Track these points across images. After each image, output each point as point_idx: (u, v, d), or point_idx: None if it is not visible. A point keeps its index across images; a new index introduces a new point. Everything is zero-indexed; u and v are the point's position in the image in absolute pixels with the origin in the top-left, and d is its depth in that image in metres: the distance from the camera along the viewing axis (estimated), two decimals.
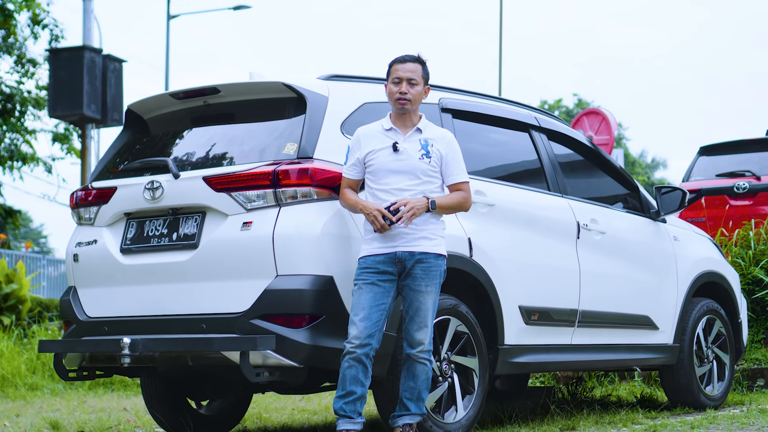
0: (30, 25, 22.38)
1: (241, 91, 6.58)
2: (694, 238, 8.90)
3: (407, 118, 6.07)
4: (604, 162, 8.37)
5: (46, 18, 22.41)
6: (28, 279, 16.31)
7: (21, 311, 15.67)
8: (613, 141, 19.06)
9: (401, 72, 6.03)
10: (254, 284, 5.96)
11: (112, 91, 17.35)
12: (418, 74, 6.06)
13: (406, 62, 6.07)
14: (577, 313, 7.42)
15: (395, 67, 6.08)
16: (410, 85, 6.02)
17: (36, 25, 22.37)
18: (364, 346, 5.75)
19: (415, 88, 6.03)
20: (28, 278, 16.46)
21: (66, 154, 23.59)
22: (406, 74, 6.03)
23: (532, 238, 7.17)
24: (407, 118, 6.07)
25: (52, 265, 30.48)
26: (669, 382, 8.47)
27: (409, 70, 6.04)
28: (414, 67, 6.06)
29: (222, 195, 6.15)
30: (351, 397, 5.77)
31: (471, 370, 6.55)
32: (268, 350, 5.81)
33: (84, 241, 6.76)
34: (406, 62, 6.07)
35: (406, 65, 6.05)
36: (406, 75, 6.03)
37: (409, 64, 6.06)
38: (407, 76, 6.02)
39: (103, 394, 11.72)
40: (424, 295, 5.90)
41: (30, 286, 16.96)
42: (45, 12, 22.44)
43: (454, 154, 6.07)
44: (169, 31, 31.66)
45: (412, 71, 6.04)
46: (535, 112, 7.93)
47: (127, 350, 6.11)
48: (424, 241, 5.93)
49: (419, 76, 6.06)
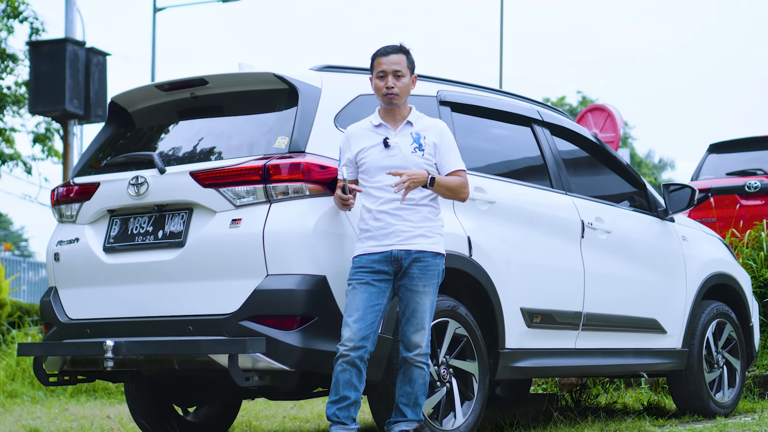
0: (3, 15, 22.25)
1: (229, 83, 6.56)
2: (704, 239, 8.89)
3: (396, 112, 6.06)
4: (610, 158, 8.36)
5: (26, 10, 22.33)
6: (7, 282, 16.26)
7: (0, 316, 15.62)
8: (619, 139, 19.03)
9: (385, 65, 6.01)
10: (243, 284, 5.94)
11: (96, 86, 17.31)
12: (404, 65, 6.02)
13: (389, 54, 6.03)
14: (581, 315, 7.41)
15: (378, 60, 6.05)
16: (396, 78, 5.99)
17: (14, 18, 22.28)
18: (358, 348, 5.73)
19: (401, 80, 6.01)
20: (8, 281, 16.42)
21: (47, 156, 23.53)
22: (390, 67, 6.00)
23: (534, 237, 7.16)
24: (396, 112, 6.06)
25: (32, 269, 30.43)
26: (677, 389, 8.46)
27: (394, 62, 6.01)
28: (398, 58, 6.03)
29: (210, 191, 6.13)
30: (344, 403, 5.75)
31: (470, 375, 6.53)
32: (258, 353, 5.79)
33: (65, 239, 6.74)
34: (389, 54, 6.03)
35: (389, 57, 6.02)
36: (391, 68, 6.00)
37: (392, 56, 6.03)
38: (392, 68, 6.00)
39: (86, 401, 11.69)
40: (422, 296, 5.89)
41: (9, 289, 16.91)
42: (24, 4, 22.35)
43: (447, 143, 6.05)
44: (155, 23, 31.63)
45: (396, 63, 6.01)
46: (538, 105, 7.92)
47: (110, 353, 6.08)
48: (421, 239, 5.92)
49: (404, 67, 6.03)
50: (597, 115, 19.44)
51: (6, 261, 27.76)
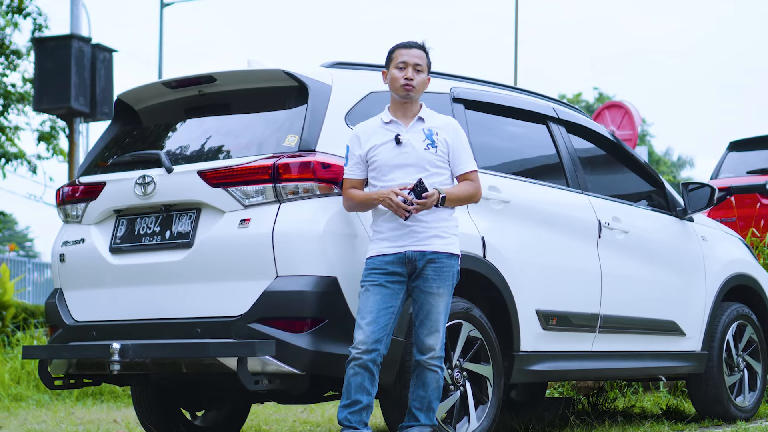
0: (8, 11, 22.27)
1: (238, 80, 6.56)
2: (724, 239, 8.87)
3: (408, 108, 6.06)
4: (628, 157, 8.35)
5: (30, 5, 22.36)
6: (12, 283, 16.31)
7: (5, 318, 15.67)
8: (637, 136, 19.03)
9: (407, 57, 6.02)
10: (252, 285, 5.94)
11: (102, 83, 17.32)
12: (424, 61, 6.06)
13: (412, 48, 6.07)
14: (598, 317, 7.40)
15: (399, 51, 6.06)
16: (416, 72, 6.01)
17: (17, 14, 22.31)
18: (371, 351, 5.73)
19: (420, 75, 6.03)
20: (12, 282, 16.47)
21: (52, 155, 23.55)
22: (412, 59, 6.02)
23: (550, 237, 7.15)
24: (408, 108, 6.06)
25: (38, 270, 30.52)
26: (697, 392, 8.44)
27: (416, 56, 6.04)
28: (419, 53, 6.06)
29: (218, 190, 6.13)
30: (356, 407, 5.75)
31: (485, 379, 6.53)
32: (267, 356, 5.79)
33: (71, 240, 6.75)
34: (411, 48, 6.07)
35: (411, 51, 6.05)
36: (413, 60, 6.01)
37: (414, 50, 6.06)
38: (413, 61, 6.01)
39: (92, 405, 11.71)
40: (436, 298, 5.88)
41: (14, 291, 16.96)
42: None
43: (461, 142, 6.05)
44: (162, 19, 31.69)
45: (418, 57, 6.04)
46: (554, 102, 7.91)
47: (116, 356, 6.09)
48: (436, 239, 5.90)
49: (424, 63, 6.07)
50: (614, 112, 19.43)
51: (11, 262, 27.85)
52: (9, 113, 23.32)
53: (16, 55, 23.16)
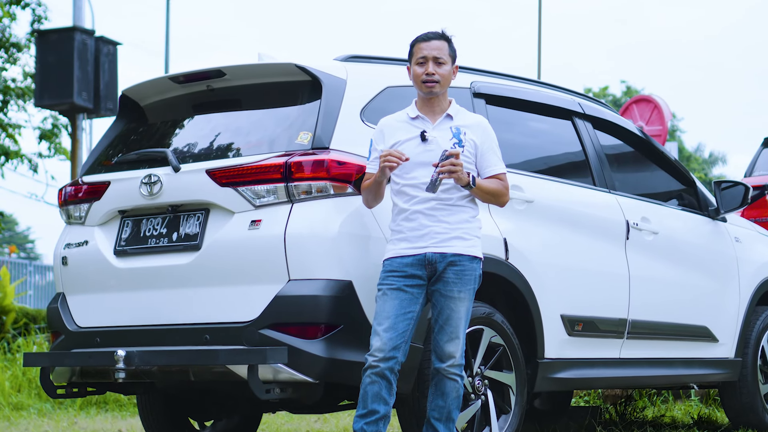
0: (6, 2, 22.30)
1: (248, 75, 6.57)
2: (759, 240, 8.86)
3: (435, 104, 6.00)
4: (657, 154, 8.33)
5: None
6: (12, 287, 16.36)
7: (5, 322, 15.73)
8: (666, 132, 18.99)
9: (426, 50, 5.96)
10: (264, 290, 5.95)
11: (106, 78, 17.36)
12: (445, 52, 5.97)
13: (431, 40, 5.98)
14: (626, 323, 7.39)
15: (419, 45, 6.00)
16: (437, 65, 5.94)
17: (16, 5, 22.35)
18: (389, 359, 5.71)
19: (442, 67, 5.95)
20: (13, 286, 16.52)
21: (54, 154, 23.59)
22: (432, 53, 5.95)
23: (575, 238, 7.14)
24: (435, 104, 6.00)
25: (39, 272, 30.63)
26: (730, 401, 8.43)
27: (435, 48, 5.96)
28: (440, 44, 5.98)
29: (227, 190, 6.14)
30: (373, 417, 5.73)
31: (507, 387, 6.53)
32: (279, 364, 5.79)
33: (74, 242, 6.76)
34: (430, 40, 5.98)
35: (430, 43, 5.97)
36: (432, 53, 5.95)
37: (434, 42, 5.97)
38: (433, 54, 5.95)
39: (96, 414, 11.74)
40: (456, 302, 5.85)
41: (15, 294, 17.01)
42: None
43: (490, 143, 5.99)
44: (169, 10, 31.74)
45: (438, 49, 5.96)
46: (579, 97, 7.91)
47: (121, 364, 6.09)
48: (458, 241, 5.87)
49: (446, 54, 5.97)
50: (643, 106, 19.39)
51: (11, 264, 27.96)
52: (8, 110, 23.36)
53: (16, 47, 23.21)
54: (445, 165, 5.67)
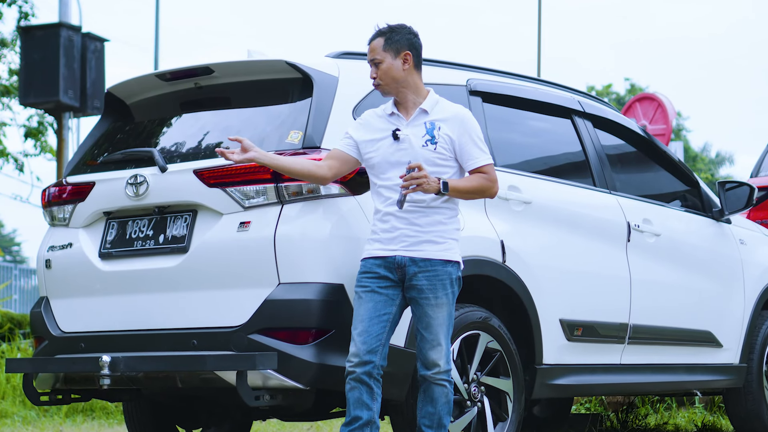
0: None
1: (237, 72, 6.57)
2: (764, 242, 8.87)
3: (407, 99, 5.91)
4: (660, 154, 8.34)
5: None
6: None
7: None
8: (671, 131, 19.02)
9: (368, 55, 5.94)
10: (253, 294, 5.95)
11: (93, 75, 17.33)
12: (379, 50, 5.87)
13: (369, 42, 5.95)
14: (627, 327, 7.39)
15: None
16: (375, 66, 5.89)
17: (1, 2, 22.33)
18: (365, 363, 5.67)
19: (380, 67, 5.88)
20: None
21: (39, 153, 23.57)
22: (369, 56, 5.92)
23: (574, 240, 7.14)
24: (407, 99, 5.91)
25: (25, 276, 30.56)
26: (735, 408, 8.44)
27: (371, 50, 5.91)
28: (374, 44, 5.91)
29: (216, 191, 6.14)
30: (356, 424, 5.69)
31: (504, 394, 6.52)
32: (269, 370, 5.79)
33: (57, 244, 6.76)
34: (369, 43, 5.96)
35: (369, 46, 5.95)
36: (370, 57, 5.91)
37: (371, 44, 5.93)
38: (370, 57, 5.91)
39: (82, 422, 11.73)
40: (434, 309, 5.77)
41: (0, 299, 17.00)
42: None
43: (469, 135, 5.87)
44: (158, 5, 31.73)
45: (372, 50, 5.90)
46: (579, 95, 7.90)
47: (106, 370, 6.09)
48: (429, 245, 5.77)
49: (380, 52, 5.87)
50: (646, 104, 19.42)
51: None
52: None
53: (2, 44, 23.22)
54: (407, 180, 5.63)
